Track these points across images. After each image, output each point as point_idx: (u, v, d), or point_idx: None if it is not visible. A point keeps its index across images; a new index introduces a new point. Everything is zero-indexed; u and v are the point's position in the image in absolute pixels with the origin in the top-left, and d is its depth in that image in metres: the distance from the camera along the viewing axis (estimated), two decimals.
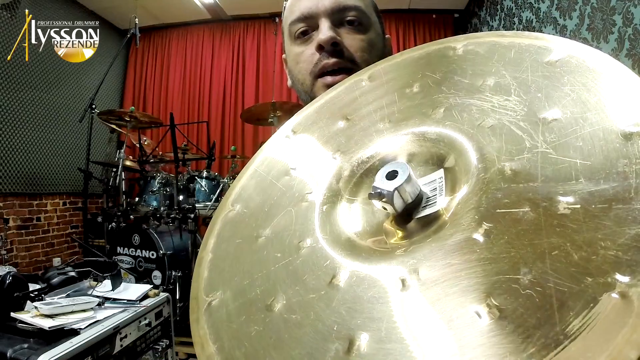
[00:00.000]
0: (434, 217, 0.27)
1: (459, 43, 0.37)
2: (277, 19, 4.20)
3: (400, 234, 0.29)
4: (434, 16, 4.16)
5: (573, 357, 0.17)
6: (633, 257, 0.19)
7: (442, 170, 0.30)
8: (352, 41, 0.57)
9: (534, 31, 2.69)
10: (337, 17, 0.57)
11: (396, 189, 0.27)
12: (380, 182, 0.28)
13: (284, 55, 0.67)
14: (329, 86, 0.55)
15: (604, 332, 0.17)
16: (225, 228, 0.35)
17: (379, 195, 0.28)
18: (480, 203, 0.25)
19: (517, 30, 2.94)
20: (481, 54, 0.35)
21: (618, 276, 0.18)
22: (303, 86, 0.60)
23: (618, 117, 0.24)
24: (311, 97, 0.59)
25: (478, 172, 0.27)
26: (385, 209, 0.28)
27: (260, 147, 0.43)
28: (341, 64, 0.56)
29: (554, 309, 0.19)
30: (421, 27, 4.13)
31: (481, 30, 3.64)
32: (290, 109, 2.91)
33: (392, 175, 0.28)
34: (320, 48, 0.56)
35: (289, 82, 0.66)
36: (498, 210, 0.24)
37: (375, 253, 0.28)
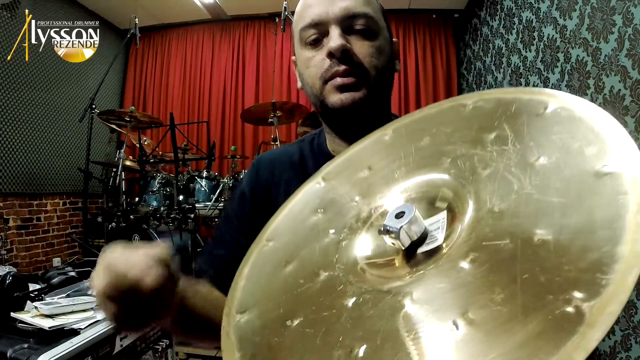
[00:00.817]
0: (436, 251, 0.32)
1: (470, 100, 0.42)
2: (277, 19, 4.19)
3: (406, 265, 0.33)
4: (434, 16, 4.15)
5: None
6: (590, 277, 0.22)
7: (445, 212, 0.35)
8: (361, 48, 0.59)
9: (534, 31, 2.69)
10: (347, 24, 0.59)
11: (402, 226, 0.32)
12: (390, 220, 0.33)
13: (293, 58, 0.69)
14: (338, 87, 0.58)
15: (556, 339, 0.21)
16: (259, 259, 0.43)
17: (388, 232, 0.32)
18: (470, 237, 0.30)
19: (518, 30, 2.94)
20: (487, 109, 0.40)
21: (575, 293, 0.22)
22: (313, 89, 0.62)
23: (593, 160, 0.29)
24: (320, 100, 0.61)
25: (473, 211, 0.32)
26: (394, 244, 0.33)
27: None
28: (351, 70, 0.58)
29: (518, 321, 0.23)
30: (421, 27, 4.13)
31: (481, 31, 3.64)
32: (290, 109, 2.91)
33: (400, 215, 0.33)
34: (330, 55, 0.58)
35: (299, 84, 0.68)
36: (484, 243, 0.28)
37: (382, 281, 0.33)
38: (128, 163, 3.09)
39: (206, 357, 2.21)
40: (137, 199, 2.90)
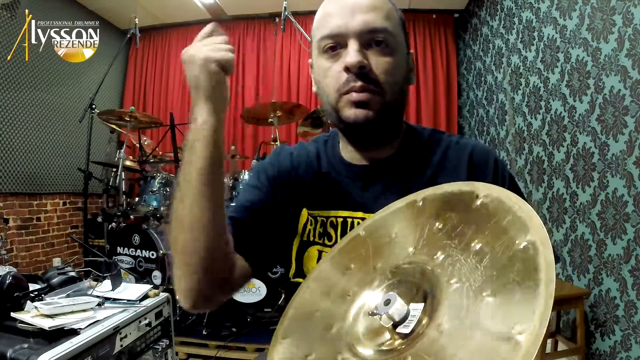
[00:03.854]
0: (405, 335, 0.40)
1: (482, 192, 0.46)
2: (277, 19, 4.19)
3: (387, 336, 0.42)
4: (434, 16, 4.15)
5: None
6: None
7: (422, 304, 0.42)
8: (377, 63, 0.60)
9: (534, 31, 2.69)
10: (366, 38, 0.60)
11: (385, 312, 0.41)
12: (379, 305, 0.42)
13: (310, 60, 0.71)
14: (353, 102, 0.60)
15: None
16: (300, 302, 0.55)
17: (374, 315, 0.42)
18: (418, 342, 0.37)
19: (518, 30, 2.94)
20: (490, 208, 0.44)
21: None
22: (329, 99, 0.64)
23: (506, 324, 0.32)
24: (335, 110, 0.63)
25: (432, 319, 0.38)
26: (381, 322, 0.42)
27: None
28: (366, 87, 0.59)
29: None
30: (421, 27, 4.12)
31: (481, 31, 3.64)
32: (290, 109, 2.90)
33: (387, 302, 0.42)
34: (347, 69, 0.59)
35: (315, 88, 0.70)
36: (420, 353, 0.36)
37: (365, 345, 0.43)
38: (128, 163, 3.09)
39: (206, 357, 2.21)
40: (137, 199, 2.90)
